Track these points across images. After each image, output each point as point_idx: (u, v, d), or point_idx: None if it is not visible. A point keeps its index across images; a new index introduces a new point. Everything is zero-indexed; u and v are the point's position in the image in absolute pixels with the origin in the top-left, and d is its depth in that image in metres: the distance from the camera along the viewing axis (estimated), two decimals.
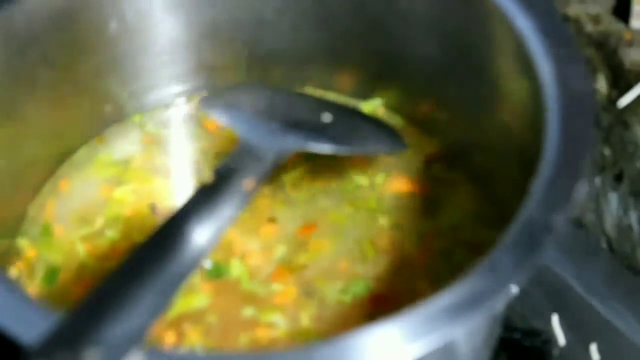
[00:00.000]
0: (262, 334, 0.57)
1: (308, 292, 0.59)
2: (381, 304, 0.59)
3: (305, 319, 0.58)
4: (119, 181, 0.64)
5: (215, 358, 0.42)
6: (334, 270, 0.60)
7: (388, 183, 0.63)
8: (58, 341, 0.40)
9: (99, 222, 0.62)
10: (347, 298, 0.59)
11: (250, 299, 0.58)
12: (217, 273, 0.59)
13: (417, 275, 0.60)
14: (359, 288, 0.59)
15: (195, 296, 0.58)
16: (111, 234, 0.61)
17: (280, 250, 0.61)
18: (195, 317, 0.57)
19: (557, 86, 0.51)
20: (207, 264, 0.59)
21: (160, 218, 0.61)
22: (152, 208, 0.62)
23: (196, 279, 0.59)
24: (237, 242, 0.60)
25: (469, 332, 0.51)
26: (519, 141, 0.55)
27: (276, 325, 0.58)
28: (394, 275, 0.60)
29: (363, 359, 0.42)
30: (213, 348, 0.56)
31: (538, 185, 0.47)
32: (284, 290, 0.59)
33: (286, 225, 0.62)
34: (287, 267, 0.60)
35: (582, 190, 0.47)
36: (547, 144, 0.49)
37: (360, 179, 0.64)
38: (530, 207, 0.46)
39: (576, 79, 0.51)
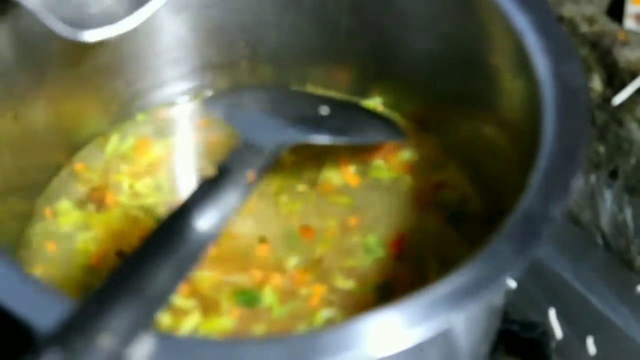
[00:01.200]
0: None
1: (335, 275, 0.60)
2: (401, 243, 0.61)
3: (351, 293, 0.59)
4: (84, 226, 0.63)
5: (221, 343, 0.43)
6: (347, 237, 0.61)
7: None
8: (72, 327, 0.42)
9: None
10: (374, 255, 0.60)
11: (294, 319, 0.59)
12: (251, 301, 0.59)
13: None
14: (375, 239, 0.61)
15: (220, 318, 0.58)
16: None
17: (292, 260, 0.61)
18: None
19: (553, 82, 0.52)
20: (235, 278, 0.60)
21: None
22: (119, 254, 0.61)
23: (225, 305, 0.59)
24: (243, 274, 0.60)
25: (469, 322, 0.52)
26: (516, 136, 0.56)
27: (333, 317, 0.58)
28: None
29: (364, 344, 0.44)
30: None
31: (536, 178, 0.49)
32: (314, 289, 0.60)
33: (277, 237, 0.62)
34: (304, 269, 0.60)
35: (578, 182, 0.48)
36: (544, 137, 0.50)
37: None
38: (529, 199, 0.48)
39: (571, 75, 0.52)
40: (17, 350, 0.46)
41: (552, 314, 0.68)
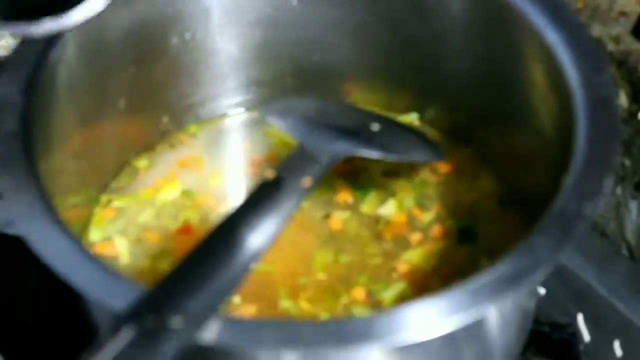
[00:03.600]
0: None
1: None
2: None
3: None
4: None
5: (280, 324, 0.47)
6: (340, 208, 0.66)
7: None
8: (146, 308, 0.45)
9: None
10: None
11: None
12: None
13: None
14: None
15: None
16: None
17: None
18: None
19: (585, 93, 0.55)
20: None
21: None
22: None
23: None
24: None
25: (503, 320, 0.55)
26: (548, 145, 0.59)
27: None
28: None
29: (405, 330, 0.47)
30: None
31: (570, 179, 0.52)
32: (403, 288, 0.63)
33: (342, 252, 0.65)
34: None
35: (610, 183, 0.51)
36: (577, 143, 0.53)
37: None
38: (563, 198, 0.51)
39: (602, 86, 0.55)
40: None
41: (580, 318, 0.70)
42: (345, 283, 0.63)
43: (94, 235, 0.65)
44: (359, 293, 0.62)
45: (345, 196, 0.67)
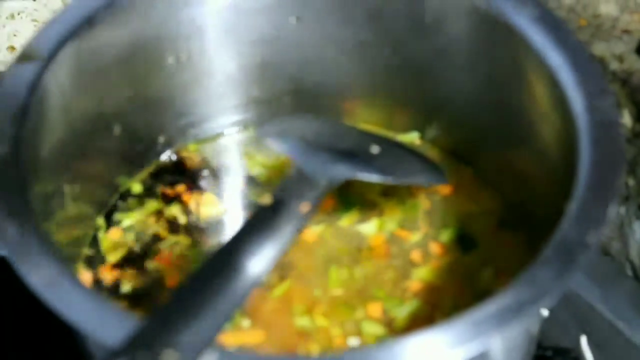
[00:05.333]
0: None
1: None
2: None
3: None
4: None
5: (278, 359, 0.46)
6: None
7: None
8: (138, 343, 0.44)
9: None
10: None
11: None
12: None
13: None
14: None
15: None
16: None
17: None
18: None
19: (588, 116, 0.54)
20: None
21: None
22: None
23: None
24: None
25: (506, 347, 0.54)
26: (551, 167, 0.59)
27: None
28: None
29: None
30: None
31: (572, 207, 0.51)
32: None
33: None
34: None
35: (614, 211, 0.50)
36: (580, 169, 0.52)
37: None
38: (566, 227, 0.50)
39: (605, 109, 0.55)
40: None
41: (584, 340, 0.70)
42: (361, 297, 0.63)
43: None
44: (375, 309, 0.62)
45: (326, 207, 0.67)
